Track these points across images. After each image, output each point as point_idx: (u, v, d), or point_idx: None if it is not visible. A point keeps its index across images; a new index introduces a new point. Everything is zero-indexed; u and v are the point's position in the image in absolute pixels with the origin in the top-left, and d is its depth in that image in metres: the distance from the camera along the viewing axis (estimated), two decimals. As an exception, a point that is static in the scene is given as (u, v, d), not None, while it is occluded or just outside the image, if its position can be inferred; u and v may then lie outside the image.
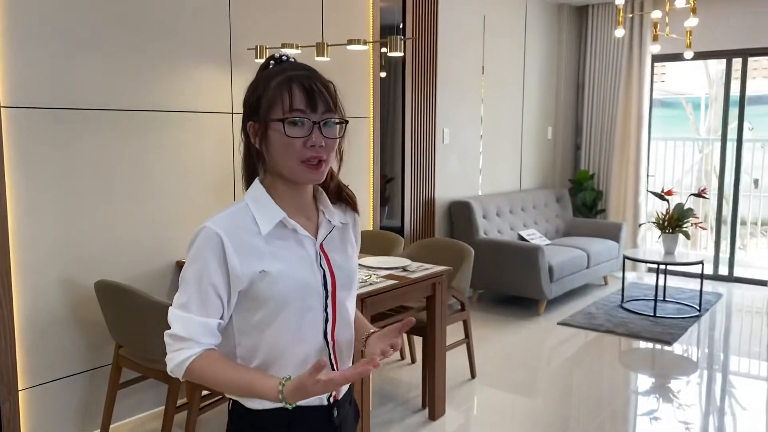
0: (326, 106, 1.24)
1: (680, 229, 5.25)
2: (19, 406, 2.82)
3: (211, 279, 1.20)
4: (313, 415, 1.30)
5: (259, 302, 1.23)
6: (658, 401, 3.61)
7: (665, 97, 8.43)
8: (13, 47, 2.70)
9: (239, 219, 1.24)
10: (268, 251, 1.23)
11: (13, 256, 2.75)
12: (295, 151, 1.22)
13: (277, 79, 1.23)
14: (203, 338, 1.21)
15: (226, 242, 1.20)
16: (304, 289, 1.25)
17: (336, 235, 1.35)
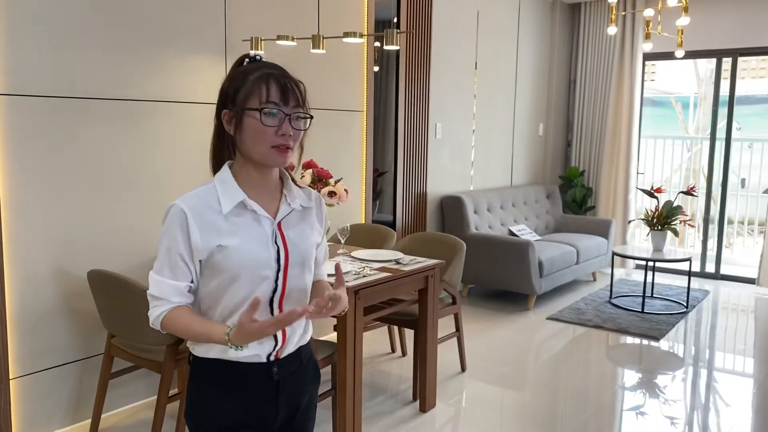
0: (297, 101, 1.42)
1: (669, 226, 5.30)
2: (10, 395, 2.82)
3: (178, 249, 1.40)
4: (251, 369, 1.46)
5: (216, 271, 1.42)
6: (645, 396, 3.65)
7: (655, 96, 8.49)
8: (7, 34, 2.68)
9: (205, 198, 1.43)
10: (226, 228, 1.41)
11: (6, 244, 2.74)
12: (267, 137, 1.39)
13: (254, 74, 1.41)
14: (173, 297, 1.42)
15: (189, 218, 1.39)
16: (256, 263, 1.42)
17: (296, 216, 1.51)
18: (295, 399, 1.56)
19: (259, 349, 1.46)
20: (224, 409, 1.47)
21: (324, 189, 3.20)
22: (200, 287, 1.46)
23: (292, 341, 1.51)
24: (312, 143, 4.53)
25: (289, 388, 1.53)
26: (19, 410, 2.86)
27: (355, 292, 2.77)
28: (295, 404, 1.57)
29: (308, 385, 1.60)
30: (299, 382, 1.56)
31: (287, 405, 1.54)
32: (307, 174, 3.25)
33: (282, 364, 1.50)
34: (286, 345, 1.50)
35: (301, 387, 1.57)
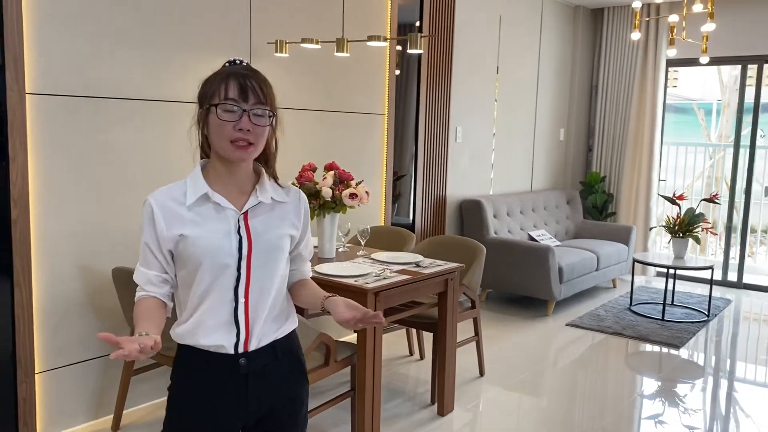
0: (257, 98, 1.48)
1: (691, 233, 5.25)
2: (35, 389, 2.87)
3: (147, 240, 1.51)
4: (217, 359, 1.52)
5: (183, 261, 1.50)
6: (664, 405, 3.62)
7: (677, 102, 8.42)
8: (39, 37, 2.74)
9: (173, 192, 1.52)
10: (189, 219, 1.49)
11: (33, 241, 2.80)
12: (226, 132, 1.46)
13: (220, 75, 1.50)
14: (146, 286, 1.53)
15: (155, 211, 1.49)
16: (216, 251, 1.48)
17: (265, 208, 1.55)
18: (268, 395, 1.57)
19: (224, 340, 1.51)
20: (194, 394, 1.54)
21: (345, 191, 3.22)
22: (177, 276, 1.55)
23: (255, 333, 1.53)
24: (334, 145, 4.59)
25: (260, 383, 1.55)
26: (43, 404, 2.92)
27: (375, 294, 2.78)
28: (270, 401, 1.58)
29: (286, 382, 1.61)
30: (273, 378, 1.57)
31: (259, 400, 1.56)
32: (329, 176, 3.27)
33: (251, 357, 1.53)
34: (251, 337, 1.52)
35: (275, 383, 1.58)
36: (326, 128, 4.15)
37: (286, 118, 3.99)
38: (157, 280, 1.52)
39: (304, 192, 3.18)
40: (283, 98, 3.84)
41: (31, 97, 2.73)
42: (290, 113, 3.91)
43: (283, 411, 1.61)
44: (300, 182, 3.27)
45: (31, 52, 2.72)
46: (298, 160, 3.81)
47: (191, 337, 1.52)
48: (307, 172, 3.31)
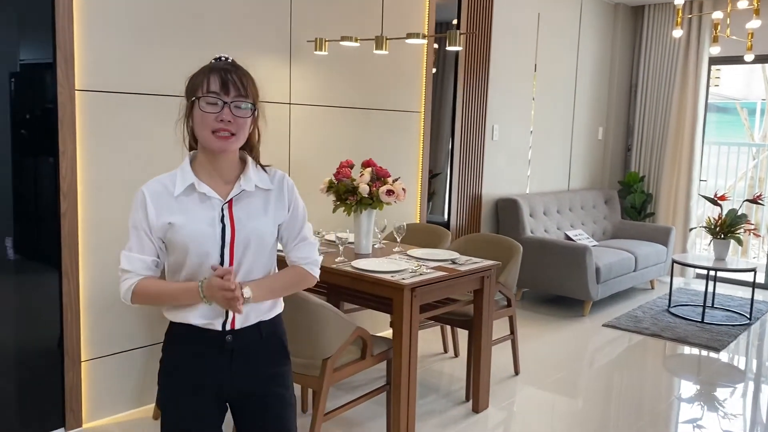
0: (237, 92, 1.56)
1: (732, 235, 5.15)
2: (81, 376, 2.97)
3: (143, 227, 1.59)
4: (206, 335, 1.62)
5: (171, 247, 1.60)
6: (702, 409, 3.57)
7: (719, 102, 8.24)
8: (88, 36, 2.83)
9: (164, 182, 1.61)
10: (177, 207, 1.59)
11: (81, 233, 2.89)
12: (208, 123, 1.55)
13: (204, 70, 1.59)
14: (141, 271, 1.60)
15: (147, 199, 1.59)
16: (200, 238, 1.57)
17: (249, 197, 1.63)
18: (252, 371, 1.67)
19: (213, 318, 1.62)
20: (184, 366, 1.65)
21: (382, 187, 3.24)
22: (166, 265, 1.65)
23: (244, 314, 1.62)
24: (371, 143, 4.62)
25: (244, 358, 1.66)
26: (88, 392, 3.01)
27: (412, 289, 2.81)
28: (254, 377, 1.68)
29: (269, 358, 1.70)
30: (257, 355, 1.68)
31: (243, 375, 1.66)
32: (366, 172, 3.30)
33: (237, 335, 1.64)
34: (238, 317, 1.63)
35: (257, 359, 1.68)
36: (363, 125, 4.18)
37: (324, 115, 4.06)
38: (152, 264, 1.62)
39: (342, 189, 3.25)
40: (322, 96, 3.90)
41: (80, 93, 2.82)
42: (328, 110, 3.95)
43: (269, 388, 1.71)
44: (337, 179, 3.31)
45: (81, 50, 2.81)
46: (335, 157, 3.86)
47: (182, 316, 1.63)
48: (345, 168, 3.35)
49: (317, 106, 3.88)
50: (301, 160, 3.82)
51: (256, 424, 1.72)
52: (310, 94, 3.82)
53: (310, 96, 3.83)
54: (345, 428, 3.13)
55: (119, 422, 3.09)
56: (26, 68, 2.74)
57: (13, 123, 2.71)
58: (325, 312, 2.56)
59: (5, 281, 2.77)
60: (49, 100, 2.77)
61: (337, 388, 3.52)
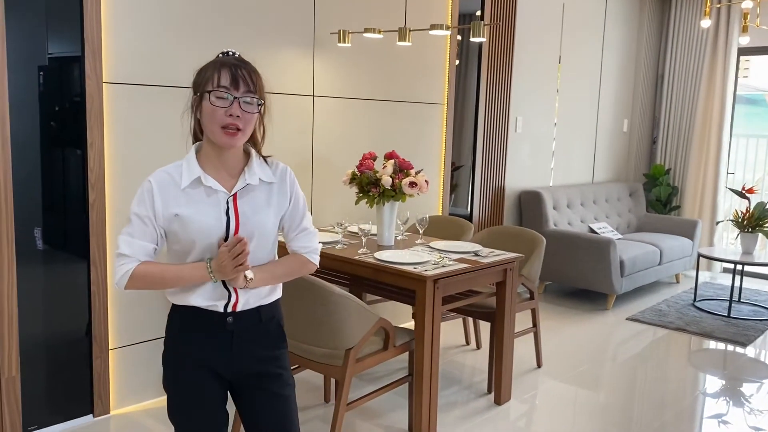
0: (247, 87, 1.59)
1: (761, 228, 5.07)
2: (109, 364, 3.02)
3: (147, 215, 1.62)
4: (209, 317, 1.68)
5: (176, 237, 1.64)
6: (728, 404, 3.52)
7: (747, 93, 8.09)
8: (115, 28, 2.86)
9: (171, 173, 1.65)
10: (184, 200, 1.62)
11: (109, 223, 2.94)
12: (218, 117, 1.58)
13: (213, 64, 1.62)
14: (141, 256, 1.63)
15: (155, 190, 1.62)
16: (206, 230, 1.62)
17: (253, 190, 1.68)
18: (252, 352, 1.73)
19: (216, 301, 1.67)
20: (186, 347, 1.70)
21: (405, 179, 3.25)
22: (168, 251, 1.69)
23: (244, 299, 1.69)
24: (394, 135, 4.62)
25: (244, 340, 1.71)
26: (116, 379, 3.07)
27: (434, 281, 2.81)
28: (253, 356, 1.73)
29: (266, 341, 1.76)
30: (256, 337, 1.73)
31: (243, 356, 1.72)
32: (389, 164, 3.30)
33: (238, 317, 1.69)
34: (239, 300, 1.68)
35: (258, 341, 1.74)
36: (386, 117, 4.18)
37: (348, 107, 4.07)
38: (152, 251, 1.65)
39: (365, 181, 3.26)
40: (345, 88, 3.91)
41: (107, 86, 2.86)
42: (351, 102, 3.96)
43: (267, 369, 1.75)
44: (360, 171, 3.32)
45: (108, 42, 2.84)
46: (358, 148, 3.87)
47: (184, 299, 1.68)
48: (368, 160, 3.35)
49: (340, 98, 3.89)
50: (324, 152, 3.83)
51: (257, 404, 1.76)
52: (333, 86, 3.83)
53: (333, 88, 3.84)
54: (367, 418, 3.15)
55: (146, 409, 3.15)
56: (54, 61, 2.78)
57: (42, 115, 2.76)
58: (348, 303, 2.58)
59: (34, 271, 2.82)
60: (77, 93, 2.82)
61: (359, 379, 3.54)
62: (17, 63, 2.64)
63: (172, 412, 1.76)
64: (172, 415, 1.76)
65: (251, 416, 1.77)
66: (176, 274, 1.63)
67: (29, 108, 2.72)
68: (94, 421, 3.02)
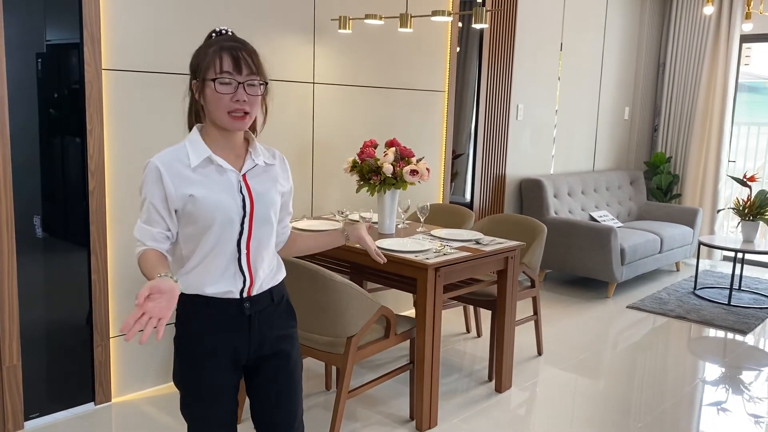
0: (249, 70, 1.58)
1: (762, 216, 5.06)
2: (110, 352, 3.02)
3: (153, 200, 1.59)
4: (225, 304, 1.67)
5: (191, 218, 1.61)
6: (727, 392, 3.53)
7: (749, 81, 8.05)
8: (114, 15, 2.84)
9: (176, 154, 1.62)
10: (196, 180, 1.60)
11: (108, 211, 2.93)
12: (224, 104, 1.57)
13: (212, 47, 1.58)
14: (148, 241, 1.61)
15: (163, 172, 1.58)
16: (224, 209, 1.61)
17: (260, 171, 1.69)
18: (267, 332, 1.74)
19: (232, 286, 1.66)
20: (202, 337, 1.68)
21: (406, 167, 3.23)
22: (180, 234, 1.65)
23: (259, 280, 1.70)
24: (394, 122, 4.59)
25: (260, 322, 1.72)
26: (117, 367, 3.07)
27: (436, 269, 2.80)
28: (268, 337, 1.75)
29: (280, 320, 1.78)
30: (270, 318, 1.75)
31: (260, 337, 1.73)
32: (390, 152, 3.29)
33: (254, 301, 1.70)
34: (254, 284, 1.69)
35: (272, 322, 1.75)
36: (387, 105, 4.16)
37: (348, 94, 4.04)
38: (160, 236, 1.62)
39: (366, 169, 3.25)
40: (346, 75, 3.89)
41: (107, 72, 2.84)
42: (352, 90, 3.94)
43: (279, 348, 1.77)
44: (361, 158, 3.30)
45: (107, 29, 2.82)
46: (359, 136, 3.85)
47: (197, 287, 1.65)
48: (369, 148, 3.34)
49: (341, 86, 3.86)
50: (325, 139, 3.81)
51: (266, 382, 1.77)
52: (333, 73, 3.81)
53: (334, 75, 3.81)
54: (368, 406, 3.16)
55: (147, 397, 3.15)
56: (53, 48, 2.76)
57: (41, 103, 2.74)
58: (349, 291, 2.58)
59: (34, 259, 2.82)
60: (75, 80, 2.80)
61: (360, 366, 3.54)
62: (16, 50, 2.61)
63: (186, 407, 1.73)
64: (185, 410, 1.73)
65: (258, 393, 1.79)
66: (148, 273, 1.53)
67: (28, 96, 2.70)
68: (96, 408, 3.02)
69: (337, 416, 2.67)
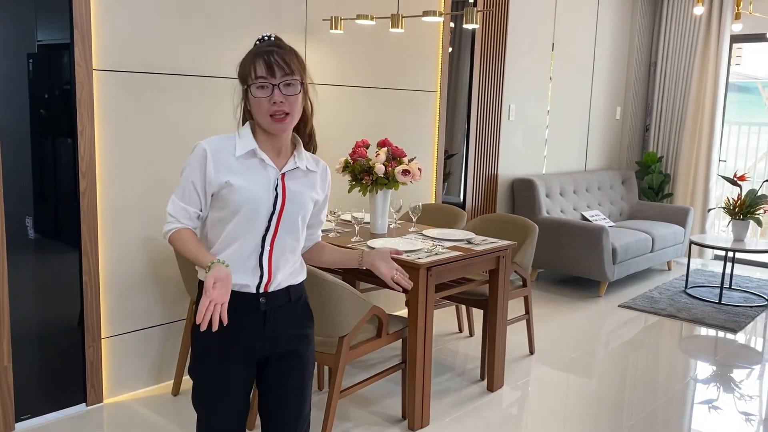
0: (283, 71, 1.62)
1: (752, 215, 5.09)
2: (101, 353, 3.02)
3: (194, 179, 1.67)
4: (241, 297, 1.69)
5: (223, 204, 1.67)
6: (719, 390, 3.56)
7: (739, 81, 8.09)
8: (105, 16, 2.83)
9: (224, 142, 1.69)
10: (236, 169, 1.67)
11: (100, 211, 2.92)
12: (263, 107, 1.63)
13: (250, 56, 1.66)
14: (182, 219, 1.70)
15: (208, 155, 1.66)
16: (255, 201, 1.66)
17: (300, 174, 1.74)
18: (282, 330, 1.76)
19: (250, 281, 1.70)
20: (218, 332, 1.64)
21: (398, 167, 3.24)
22: (209, 217, 1.72)
23: (277, 279, 1.73)
24: (386, 123, 4.60)
25: (275, 319, 1.75)
26: (108, 368, 3.06)
27: (428, 269, 2.81)
28: (284, 335, 1.77)
29: (296, 319, 1.80)
30: (286, 316, 1.77)
31: (274, 334, 1.75)
32: (381, 152, 3.29)
33: (269, 297, 1.73)
34: (272, 280, 1.72)
35: (288, 320, 1.78)
36: (379, 105, 4.17)
37: (340, 95, 4.04)
38: (194, 215, 1.70)
39: (358, 169, 3.25)
40: (338, 75, 3.89)
41: (98, 73, 2.83)
42: (344, 90, 3.94)
43: (293, 347, 1.79)
44: (353, 158, 3.31)
45: (98, 30, 2.81)
46: (351, 136, 3.85)
47: None
48: (360, 148, 3.34)
49: (332, 86, 3.86)
50: (317, 139, 3.81)
51: (276, 378, 1.79)
52: (325, 73, 3.81)
53: (326, 75, 3.82)
54: (361, 405, 3.16)
55: (139, 398, 3.15)
56: (44, 49, 2.75)
57: (32, 103, 2.73)
58: (341, 290, 2.58)
59: (26, 260, 2.81)
60: (66, 81, 2.79)
61: (353, 366, 3.55)
62: (6, 50, 2.61)
63: (197, 398, 1.77)
64: (196, 401, 1.78)
65: (267, 388, 1.81)
66: (193, 257, 1.65)
67: (18, 96, 2.69)
68: (87, 409, 3.02)
69: (329, 416, 2.68)
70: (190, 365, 1.78)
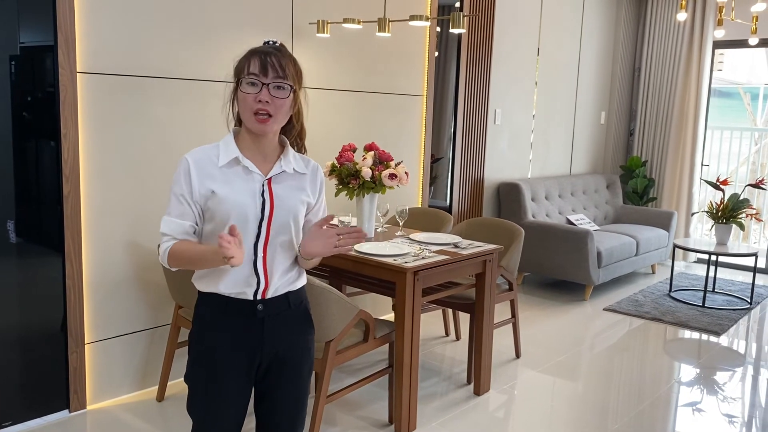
0: (276, 73, 1.63)
1: (734, 219, 5.15)
2: (85, 358, 2.98)
3: (183, 193, 1.66)
4: (240, 304, 1.70)
5: (211, 215, 1.67)
6: (702, 392, 3.58)
7: (722, 86, 8.19)
8: (89, 18, 2.81)
9: (207, 152, 1.69)
10: (221, 178, 1.66)
11: (84, 216, 2.89)
12: (248, 103, 1.63)
13: (248, 52, 1.67)
14: (178, 235, 1.68)
15: (192, 167, 1.66)
16: (241, 209, 1.65)
17: (287, 178, 1.72)
18: (280, 338, 1.75)
19: (245, 288, 1.68)
20: (215, 335, 1.71)
21: (385, 171, 3.24)
22: (202, 230, 1.71)
23: (274, 285, 1.71)
24: (373, 126, 4.60)
25: (273, 326, 1.73)
26: (92, 373, 3.03)
27: (414, 273, 2.81)
28: (282, 342, 1.76)
29: (295, 326, 1.79)
30: (285, 323, 1.76)
31: (273, 341, 1.74)
32: (368, 156, 3.29)
33: (267, 304, 1.72)
34: (269, 287, 1.71)
35: (287, 328, 1.77)
36: (366, 109, 4.17)
37: (327, 98, 4.03)
38: (190, 229, 1.68)
39: (344, 172, 3.24)
40: (324, 79, 3.88)
41: (81, 76, 2.80)
42: (330, 94, 3.94)
43: (292, 353, 1.78)
44: (340, 162, 3.30)
45: (82, 32, 2.79)
46: (338, 140, 3.85)
47: (213, 285, 1.69)
48: (347, 152, 3.33)
49: (319, 89, 3.86)
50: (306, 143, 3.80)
51: (273, 386, 1.78)
52: (311, 77, 3.80)
53: (312, 79, 3.81)
54: (347, 410, 3.15)
55: (122, 404, 3.11)
56: (27, 51, 2.72)
57: (14, 106, 2.70)
58: (328, 295, 2.57)
59: (8, 264, 2.77)
60: (50, 83, 2.76)
61: (339, 371, 3.53)
62: (-12, 52, 2.57)
63: (192, 405, 1.75)
64: (191, 407, 1.76)
65: (263, 394, 1.80)
66: (198, 254, 1.64)
67: (1, 98, 2.66)
68: (70, 416, 2.98)
69: (316, 421, 2.67)
70: (186, 371, 1.76)
